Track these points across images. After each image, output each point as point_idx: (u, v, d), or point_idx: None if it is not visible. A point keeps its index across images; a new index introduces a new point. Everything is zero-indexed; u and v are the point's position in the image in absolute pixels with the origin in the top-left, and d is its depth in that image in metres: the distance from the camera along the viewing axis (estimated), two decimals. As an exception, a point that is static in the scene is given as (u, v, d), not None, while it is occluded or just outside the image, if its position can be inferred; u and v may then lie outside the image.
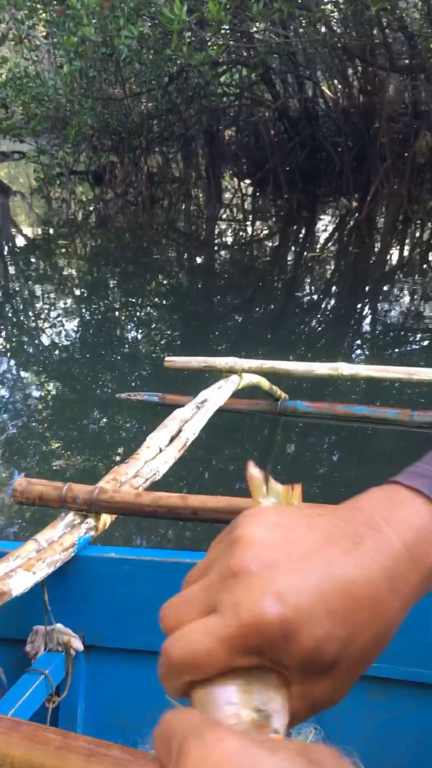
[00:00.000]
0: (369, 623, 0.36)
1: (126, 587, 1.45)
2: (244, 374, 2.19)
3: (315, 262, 7.83)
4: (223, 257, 8.40)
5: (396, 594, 0.37)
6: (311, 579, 0.34)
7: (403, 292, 6.72)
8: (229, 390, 2.07)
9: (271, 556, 0.34)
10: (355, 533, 0.37)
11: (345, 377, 2.18)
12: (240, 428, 3.38)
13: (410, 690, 1.37)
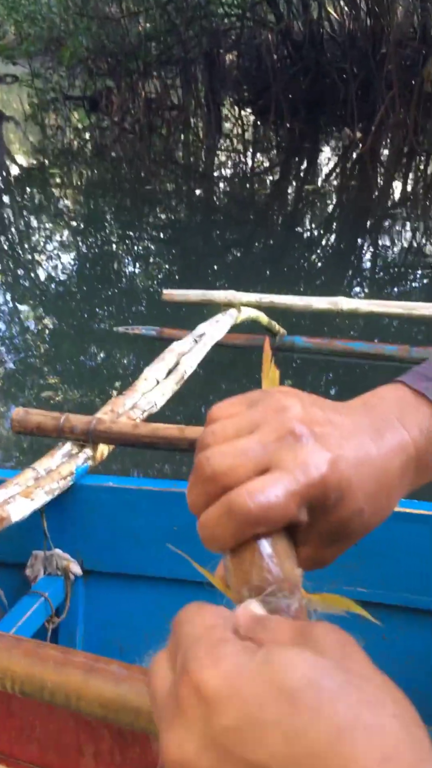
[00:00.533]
0: (382, 507, 0.39)
1: (124, 515, 1.48)
2: (242, 308, 2.17)
3: (315, 195, 7.67)
4: (222, 190, 8.21)
5: (403, 487, 0.41)
6: (354, 456, 0.37)
7: (405, 228, 6.61)
8: (227, 324, 2.06)
9: (322, 429, 0.37)
10: (374, 427, 0.39)
11: (344, 312, 2.16)
12: (237, 363, 3.37)
13: (399, 614, 1.42)
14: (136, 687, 0.90)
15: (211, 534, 0.36)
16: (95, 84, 11.15)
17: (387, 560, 1.39)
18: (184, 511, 1.37)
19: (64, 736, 1.00)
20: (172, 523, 1.44)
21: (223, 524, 0.35)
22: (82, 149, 10.21)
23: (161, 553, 1.49)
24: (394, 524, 1.34)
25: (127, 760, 1.03)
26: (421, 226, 6.66)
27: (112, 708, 0.91)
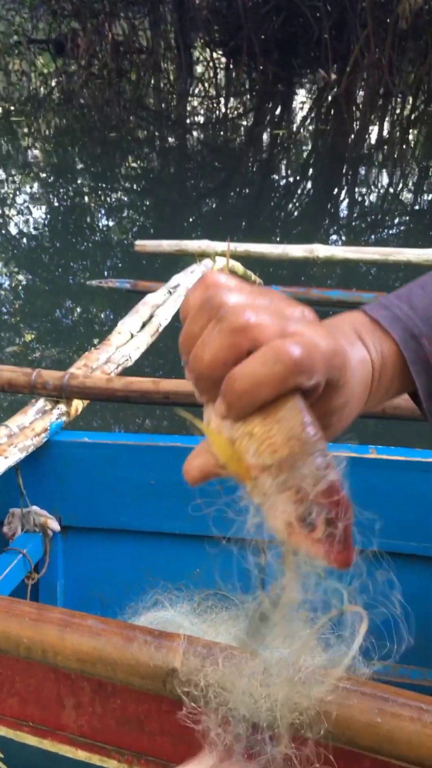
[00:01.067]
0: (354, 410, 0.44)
1: (100, 471, 1.47)
2: (217, 258, 2.12)
3: (288, 140, 7.51)
4: (195, 138, 8.01)
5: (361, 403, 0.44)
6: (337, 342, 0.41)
7: (381, 173, 6.52)
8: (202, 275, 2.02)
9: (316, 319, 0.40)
10: (346, 337, 0.44)
11: (321, 259, 2.13)
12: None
13: (402, 560, 1.43)
14: (114, 640, 0.90)
15: (253, 383, 0.36)
16: (60, 26, 10.69)
17: (391, 508, 1.39)
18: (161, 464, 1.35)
19: (44, 689, 1.01)
20: (149, 477, 1.44)
21: (268, 372, 0.35)
22: (48, 96, 9.86)
23: (139, 506, 1.48)
24: (397, 473, 1.34)
25: (108, 711, 1.04)
26: (398, 171, 6.58)
27: (89, 662, 0.91)
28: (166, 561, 1.49)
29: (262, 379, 0.35)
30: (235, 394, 0.36)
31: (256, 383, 0.35)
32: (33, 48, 10.95)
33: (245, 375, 0.36)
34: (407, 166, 6.75)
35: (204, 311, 0.38)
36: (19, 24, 10.34)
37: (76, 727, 1.07)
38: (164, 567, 1.49)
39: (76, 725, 1.07)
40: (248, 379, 0.35)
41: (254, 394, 0.35)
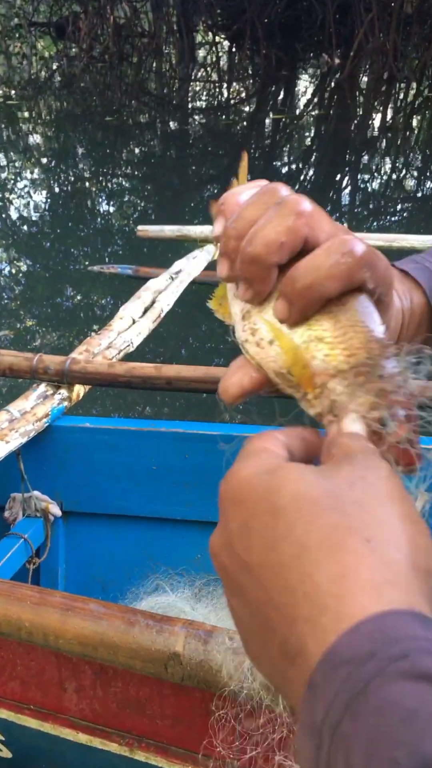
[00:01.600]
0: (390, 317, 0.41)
1: (102, 455, 1.47)
2: (219, 243, 2.11)
3: (289, 126, 7.45)
4: (197, 122, 7.95)
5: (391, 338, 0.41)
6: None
7: (384, 160, 6.47)
8: (204, 260, 2.01)
9: None
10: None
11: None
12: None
13: None
14: (116, 624, 0.90)
15: (319, 276, 0.34)
16: (61, 9, 10.58)
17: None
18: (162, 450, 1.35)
19: (46, 672, 1.01)
20: (151, 462, 1.44)
21: (334, 263, 0.34)
22: (49, 80, 9.78)
23: (140, 492, 1.48)
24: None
25: (109, 694, 1.05)
26: (401, 158, 6.53)
27: (90, 645, 0.91)
28: (167, 546, 1.50)
29: (329, 271, 0.34)
30: (299, 288, 0.34)
31: (322, 276, 0.34)
32: (34, 31, 10.84)
33: (310, 266, 0.34)
34: (410, 153, 6.70)
35: (261, 199, 0.37)
36: (19, 6, 10.24)
37: (77, 710, 1.08)
38: (165, 552, 1.50)
39: (78, 708, 1.07)
40: (314, 271, 0.34)
41: (320, 288, 0.34)
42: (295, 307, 0.35)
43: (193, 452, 1.40)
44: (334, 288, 0.34)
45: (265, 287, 0.36)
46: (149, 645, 0.89)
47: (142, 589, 1.47)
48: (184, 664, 0.87)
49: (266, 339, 0.36)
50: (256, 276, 0.36)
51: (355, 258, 0.34)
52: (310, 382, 0.34)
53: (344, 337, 0.34)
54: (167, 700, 1.02)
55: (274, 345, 0.36)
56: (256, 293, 0.36)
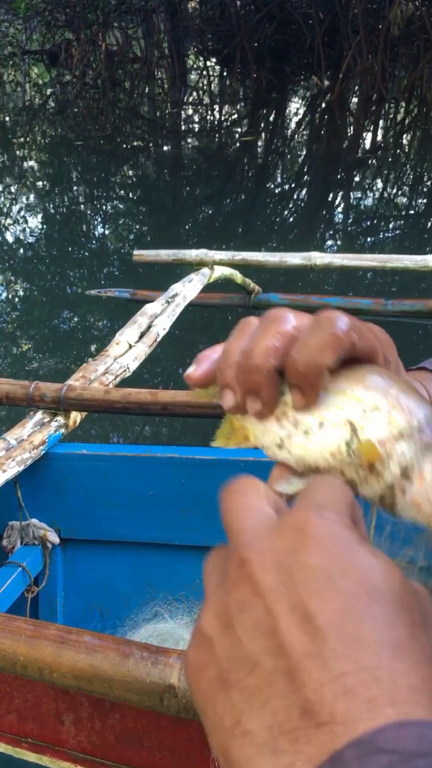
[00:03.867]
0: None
1: (99, 482, 1.46)
2: (215, 267, 2.12)
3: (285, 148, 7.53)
4: (190, 145, 8.03)
5: None
6: None
7: (376, 178, 6.54)
8: (200, 283, 2.02)
9: None
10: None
11: (318, 267, 2.13)
12: (213, 323, 3.34)
13: None
14: (110, 657, 0.90)
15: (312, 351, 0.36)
16: (54, 37, 10.73)
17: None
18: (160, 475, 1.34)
19: (42, 705, 1.00)
20: (148, 488, 1.43)
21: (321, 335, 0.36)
22: (43, 106, 9.89)
23: (138, 518, 1.48)
24: None
25: (107, 726, 1.04)
26: (392, 176, 6.60)
27: (85, 678, 0.91)
28: (165, 572, 1.49)
29: (318, 343, 0.35)
30: (301, 370, 0.36)
31: (313, 350, 0.35)
32: (27, 59, 10.99)
33: (302, 347, 0.36)
34: (401, 171, 6.77)
35: (239, 333, 0.39)
36: (13, 35, 10.38)
37: (75, 742, 1.06)
38: (164, 578, 1.49)
39: (75, 741, 1.06)
40: (305, 349, 0.36)
41: (317, 362, 0.35)
42: (306, 390, 0.36)
43: (189, 477, 1.40)
44: (330, 358, 0.35)
45: (272, 393, 0.37)
46: (144, 677, 0.88)
47: (140, 616, 1.46)
48: (179, 696, 0.86)
49: (314, 424, 0.36)
50: (261, 384, 0.37)
51: (336, 324, 0.36)
52: (375, 451, 0.34)
53: (394, 401, 0.34)
54: (165, 731, 1.01)
55: (325, 426, 0.36)
56: (265, 402, 0.38)
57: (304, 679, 0.27)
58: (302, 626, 0.28)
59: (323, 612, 0.28)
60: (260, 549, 0.30)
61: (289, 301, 2.42)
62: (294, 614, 0.28)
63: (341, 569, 0.29)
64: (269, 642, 0.28)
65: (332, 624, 0.27)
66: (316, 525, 0.30)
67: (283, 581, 0.29)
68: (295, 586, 0.29)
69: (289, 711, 0.27)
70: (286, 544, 0.30)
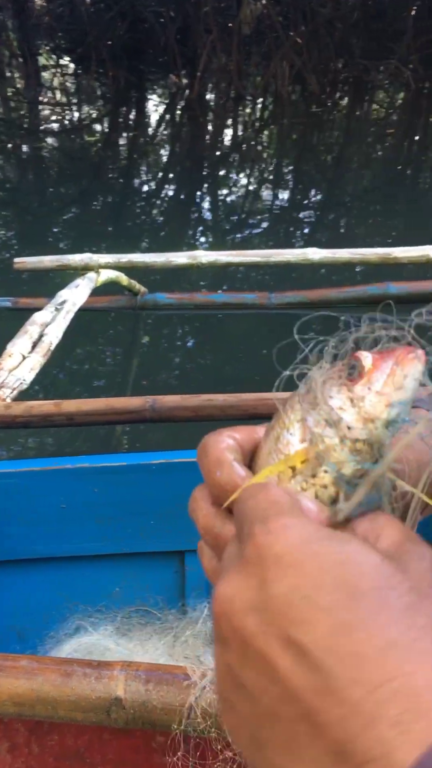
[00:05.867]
0: None
1: (6, 500, 1.41)
2: (101, 270, 2.10)
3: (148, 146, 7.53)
4: (51, 145, 7.82)
5: None
6: None
7: (239, 174, 6.69)
8: (88, 288, 1.99)
9: None
10: None
11: (204, 265, 2.16)
12: (101, 327, 3.28)
13: None
14: (52, 678, 0.87)
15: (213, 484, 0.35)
16: None
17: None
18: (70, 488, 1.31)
19: (-22, 740, 0.96)
20: (59, 502, 1.40)
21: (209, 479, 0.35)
22: None
23: (51, 533, 1.44)
24: None
25: (46, 749, 1.01)
26: (255, 172, 6.78)
27: (28, 704, 0.88)
28: (84, 584, 1.46)
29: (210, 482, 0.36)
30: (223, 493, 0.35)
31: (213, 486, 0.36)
32: None
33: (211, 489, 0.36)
34: (263, 167, 6.98)
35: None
36: None
37: (13, 772, 1.03)
38: (83, 590, 1.46)
39: (14, 770, 1.03)
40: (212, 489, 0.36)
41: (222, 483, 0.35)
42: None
43: (102, 486, 1.38)
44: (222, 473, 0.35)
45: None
46: (89, 694, 0.87)
47: (62, 632, 1.42)
48: (127, 707, 0.86)
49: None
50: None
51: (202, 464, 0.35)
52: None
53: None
54: (109, 745, 1.00)
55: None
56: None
57: (324, 720, 0.24)
58: (299, 661, 0.25)
59: (313, 640, 0.25)
60: (230, 597, 0.28)
61: (176, 300, 2.44)
62: (288, 651, 0.26)
63: (313, 583, 0.26)
64: (277, 689, 0.26)
65: (326, 649, 0.25)
66: (270, 545, 0.28)
67: (264, 621, 0.26)
68: (276, 622, 0.26)
69: (322, 759, 0.25)
70: (250, 581, 0.27)
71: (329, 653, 0.25)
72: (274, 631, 0.26)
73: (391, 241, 4.07)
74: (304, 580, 0.26)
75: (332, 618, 0.25)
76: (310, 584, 0.26)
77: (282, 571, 0.27)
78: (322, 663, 0.25)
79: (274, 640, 0.26)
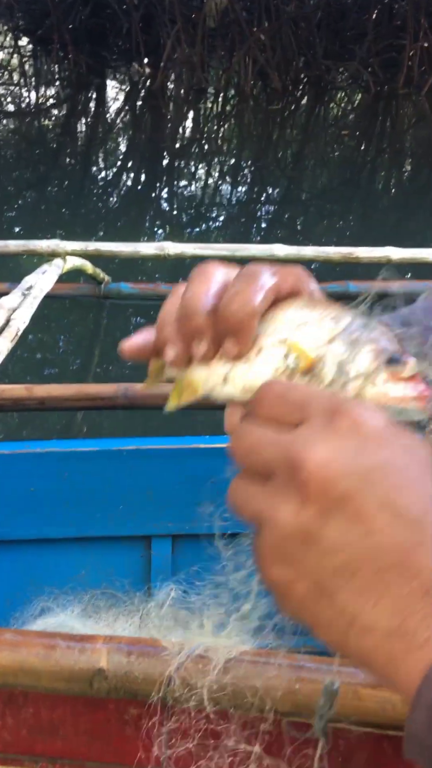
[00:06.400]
0: None
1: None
2: (68, 257, 2.11)
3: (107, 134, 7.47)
4: (6, 127, 7.68)
5: None
6: None
7: (199, 167, 6.71)
8: (55, 275, 1.99)
9: None
10: None
11: (171, 257, 2.20)
12: (66, 314, 3.27)
13: None
14: (36, 650, 0.91)
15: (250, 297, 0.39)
16: None
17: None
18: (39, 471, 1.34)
19: None
20: (28, 485, 1.42)
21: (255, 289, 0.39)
22: None
23: (18, 516, 1.46)
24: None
25: (21, 721, 1.04)
26: (215, 165, 6.81)
27: (11, 674, 0.91)
28: (49, 567, 1.48)
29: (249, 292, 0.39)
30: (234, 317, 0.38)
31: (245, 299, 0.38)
32: None
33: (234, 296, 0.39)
34: (224, 161, 7.02)
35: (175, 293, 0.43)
36: None
37: (-16, 743, 1.05)
38: (48, 573, 1.48)
39: (-15, 741, 1.05)
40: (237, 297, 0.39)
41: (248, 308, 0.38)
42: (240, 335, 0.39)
43: (72, 471, 1.41)
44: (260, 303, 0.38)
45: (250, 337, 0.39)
46: (72, 665, 0.90)
47: (27, 614, 1.44)
48: (109, 678, 0.90)
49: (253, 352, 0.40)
50: (201, 326, 0.39)
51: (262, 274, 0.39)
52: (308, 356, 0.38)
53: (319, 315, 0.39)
54: (81, 717, 1.04)
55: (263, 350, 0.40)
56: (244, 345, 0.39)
57: (420, 566, 0.29)
58: (396, 520, 0.30)
59: (412, 503, 0.30)
60: (326, 460, 0.31)
61: (139, 290, 2.47)
62: (385, 511, 0.30)
63: (404, 459, 0.31)
64: (367, 542, 0.30)
65: (424, 511, 0.30)
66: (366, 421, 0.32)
67: (362, 483, 0.30)
68: (375, 485, 0.30)
69: (410, 597, 0.29)
70: (346, 449, 0.31)
71: (426, 514, 0.30)
72: (374, 492, 0.30)
73: (347, 240, 4.17)
74: (398, 455, 0.31)
75: (423, 488, 0.30)
76: (402, 459, 0.31)
77: (378, 443, 0.31)
78: (419, 522, 0.30)
79: (373, 500, 0.30)
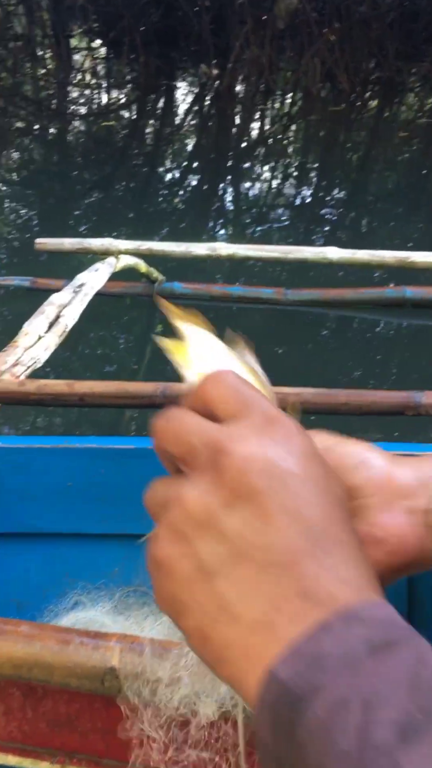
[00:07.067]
0: None
1: (14, 475, 1.45)
2: (120, 256, 2.13)
3: (175, 135, 7.54)
4: (77, 128, 7.85)
5: None
6: None
7: (264, 168, 6.69)
8: (107, 273, 2.02)
9: None
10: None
11: (223, 257, 2.19)
12: (118, 312, 3.31)
13: None
14: (50, 644, 0.91)
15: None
16: None
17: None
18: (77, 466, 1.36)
19: (-27, 700, 1.00)
20: (66, 480, 1.44)
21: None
22: None
23: (55, 509, 1.48)
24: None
25: (39, 714, 1.05)
26: (280, 167, 6.78)
27: (25, 666, 0.92)
28: (84, 562, 1.50)
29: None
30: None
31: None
32: None
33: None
34: (288, 162, 6.97)
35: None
36: None
37: (5, 733, 1.07)
38: (83, 568, 1.50)
39: (6, 731, 1.07)
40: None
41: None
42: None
43: (108, 467, 1.42)
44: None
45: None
46: (85, 662, 0.91)
47: (60, 607, 1.46)
48: (120, 677, 0.90)
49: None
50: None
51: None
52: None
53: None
54: (98, 713, 1.04)
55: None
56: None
57: (303, 573, 0.30)
58: (295, 527, 0.31)
59: (315, 518, 0.31)
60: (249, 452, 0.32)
61: (192, 290, 2.47)
62: (286, 516, 0.31)
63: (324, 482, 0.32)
64: (262, 538, 0.31)
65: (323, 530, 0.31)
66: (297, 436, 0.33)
67: (275, 483, 0.31)
68: (287, 491, 0.31)
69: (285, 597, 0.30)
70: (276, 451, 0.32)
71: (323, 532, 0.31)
72: (284, 496, 0.31)
73: (412, 245, 4.07)
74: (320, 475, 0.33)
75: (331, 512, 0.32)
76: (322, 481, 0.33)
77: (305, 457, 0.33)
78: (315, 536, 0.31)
79: (279, 502, 0.31)
